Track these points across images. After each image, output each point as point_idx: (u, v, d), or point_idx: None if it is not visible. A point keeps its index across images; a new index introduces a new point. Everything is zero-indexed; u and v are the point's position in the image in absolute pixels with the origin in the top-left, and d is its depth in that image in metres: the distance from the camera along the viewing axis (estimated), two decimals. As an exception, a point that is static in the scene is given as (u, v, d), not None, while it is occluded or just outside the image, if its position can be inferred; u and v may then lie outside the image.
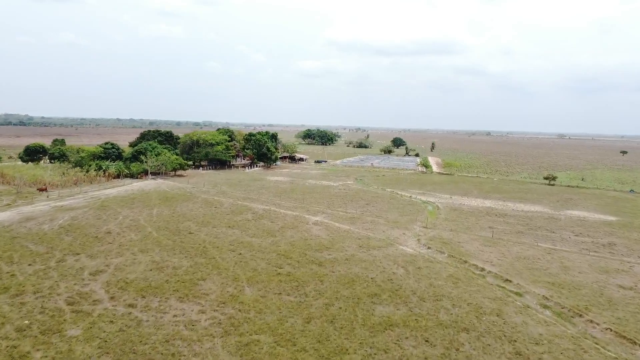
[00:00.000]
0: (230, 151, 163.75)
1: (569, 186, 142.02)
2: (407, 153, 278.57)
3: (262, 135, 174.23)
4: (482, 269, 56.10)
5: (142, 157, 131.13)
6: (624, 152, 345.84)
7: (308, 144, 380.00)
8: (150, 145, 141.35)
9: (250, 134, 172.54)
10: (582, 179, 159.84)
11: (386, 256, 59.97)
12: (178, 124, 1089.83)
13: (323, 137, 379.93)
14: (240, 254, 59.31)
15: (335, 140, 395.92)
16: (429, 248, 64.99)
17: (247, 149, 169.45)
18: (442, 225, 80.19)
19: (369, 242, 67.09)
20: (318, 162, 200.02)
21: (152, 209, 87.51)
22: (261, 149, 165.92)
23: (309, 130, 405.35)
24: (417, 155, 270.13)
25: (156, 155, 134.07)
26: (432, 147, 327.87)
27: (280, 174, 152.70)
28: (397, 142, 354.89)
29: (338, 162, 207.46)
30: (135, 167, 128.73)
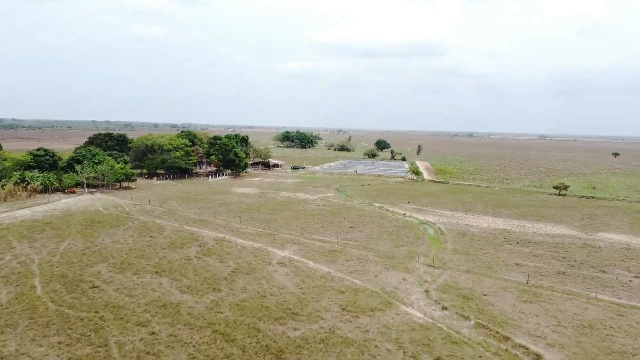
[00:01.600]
0: (191, 158, 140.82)
1: (583, 197, 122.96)
2: (392, 157, 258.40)
3: (230, 139, 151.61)
4: (538, 357, 35.14)
5: (78, 167, 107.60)
6: (615, 154, 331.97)
7: (286, 146, 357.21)
8: (89, 151, 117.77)
9: (215, 138, 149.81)
10: (594, 188, 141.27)
11: (383, 331, 38.61)
12: (155, 125, 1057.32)
13: (302, 140, 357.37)
14: (153, 333, 37.29)
15: (316, 143, 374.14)
16: (444, 309, 43.84)
17: (212, 155, 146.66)
18: (454, 262, 59.26)
19: (356, 298, 45.63)
20: (295, 168, 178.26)
21: (62, 240, 64.83)
22: (228, 154, 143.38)
23: (287, 132, 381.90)
24: (403, 159, 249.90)
25: (95, 164, 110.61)
26: (419, 150, 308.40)
27: (248, 185, 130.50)
28: (381, 145, 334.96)
29: (317, 168, 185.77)
30: (68, 178, 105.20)
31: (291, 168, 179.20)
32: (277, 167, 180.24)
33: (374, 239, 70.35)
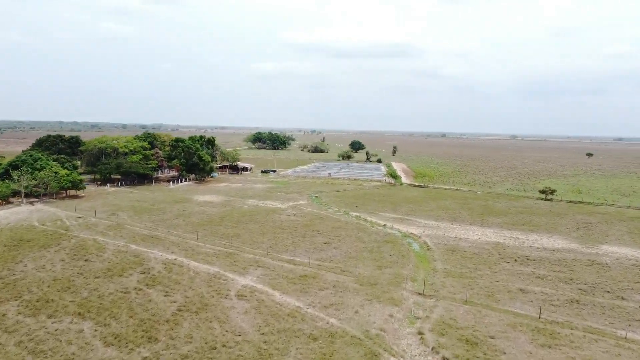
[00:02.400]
0: (150, 162, 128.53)
1: (570, 202, 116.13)
2: (368, 159, 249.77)
3: (194, 141, 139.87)
4: None
5: (15, 174, 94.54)
6: (589, 155, 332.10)
7: (258, 148, 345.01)
8: (31, 156, 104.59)
9: (178, 140, 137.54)
10: (579, 191, 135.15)
11: (371, 404, 28.72)
12: (124, 126, 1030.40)
13: (275, 141, 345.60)
14: (48, 421, 26.48)
15: (289, 144, 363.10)
16: (445, 361, 34.29)
17: (174, 159, 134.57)
18: (447, 289, 49.98)
19: (332, 349, 35.68)
20: (265, 172, 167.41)
21: (-27, 268, 52.86)
22: (191, 158, 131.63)
23: (259, 133, 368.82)
24: (379, 161, 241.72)
25: (36, 170, 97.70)
26: (394, 152, 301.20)
27: (213, 191, 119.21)
28: (356, 146, 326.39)
29: (289, 171, 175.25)
30: (2, 187, 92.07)
31: (261, 172, 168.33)
32: (247, 170, 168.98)
33: (353, 259, 60.58)
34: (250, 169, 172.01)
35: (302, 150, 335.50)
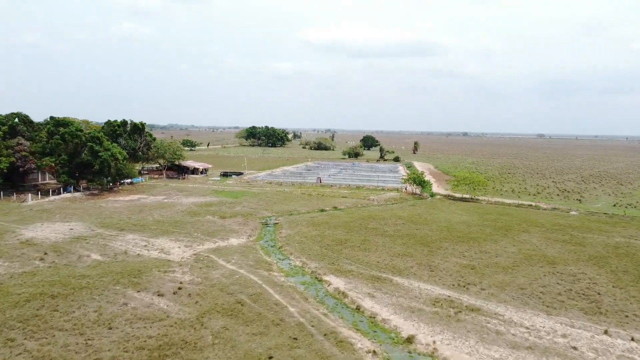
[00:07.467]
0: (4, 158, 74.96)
1: None
2: (382, 156, 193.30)
3: (111, 126, 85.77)
4: None
5: None
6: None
7: (251, 145, 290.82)
8: None
9: (58, 123, 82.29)
10: None
11: None
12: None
13: (270, 137, 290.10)
14: None
15: (288, 141, 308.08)
16: None
17: (49, 155, 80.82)
18: None
19: None
20: (226, 175, 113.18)
21: None
22: (79, 154, 78.25)
23: (253, 127, 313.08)
24: (397, 159, 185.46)
25: None
26: (415, 149, 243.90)
27: (90, 213, 65.32)
28: (368, 143, 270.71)
29: (261, 175, 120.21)
30: None
31: (221, 174, 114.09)
32: (198, 173, 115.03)
33: None
34: (205, 170, 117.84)
35: (303, 147, 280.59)
